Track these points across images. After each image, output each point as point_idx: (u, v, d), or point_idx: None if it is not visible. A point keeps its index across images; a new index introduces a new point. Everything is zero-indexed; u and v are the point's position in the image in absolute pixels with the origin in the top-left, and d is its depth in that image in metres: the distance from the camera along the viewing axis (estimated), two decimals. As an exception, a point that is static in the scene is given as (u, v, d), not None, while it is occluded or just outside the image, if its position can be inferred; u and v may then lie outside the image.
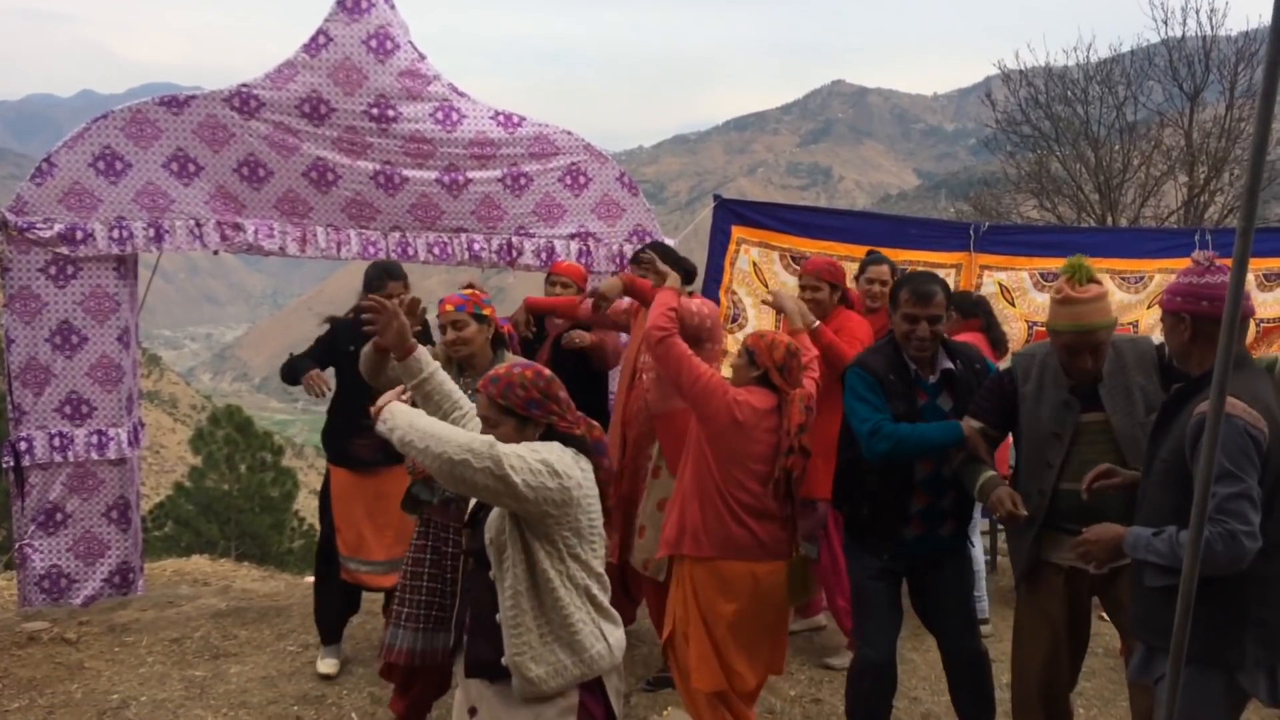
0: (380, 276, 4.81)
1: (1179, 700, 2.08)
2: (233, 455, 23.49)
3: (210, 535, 21.51)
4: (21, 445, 5.31)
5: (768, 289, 6.18)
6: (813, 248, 6.15)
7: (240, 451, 23.63)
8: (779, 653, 3.98)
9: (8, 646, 5.21)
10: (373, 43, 5.44)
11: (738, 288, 6.22)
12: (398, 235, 5.64)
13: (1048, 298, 3.42)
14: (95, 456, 5.42)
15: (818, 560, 4.84)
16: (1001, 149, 18.98)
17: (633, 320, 4.85)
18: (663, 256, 4.61)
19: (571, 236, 5.83)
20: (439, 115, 5.57)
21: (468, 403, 3.27)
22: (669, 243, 5.93)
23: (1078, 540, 3.11)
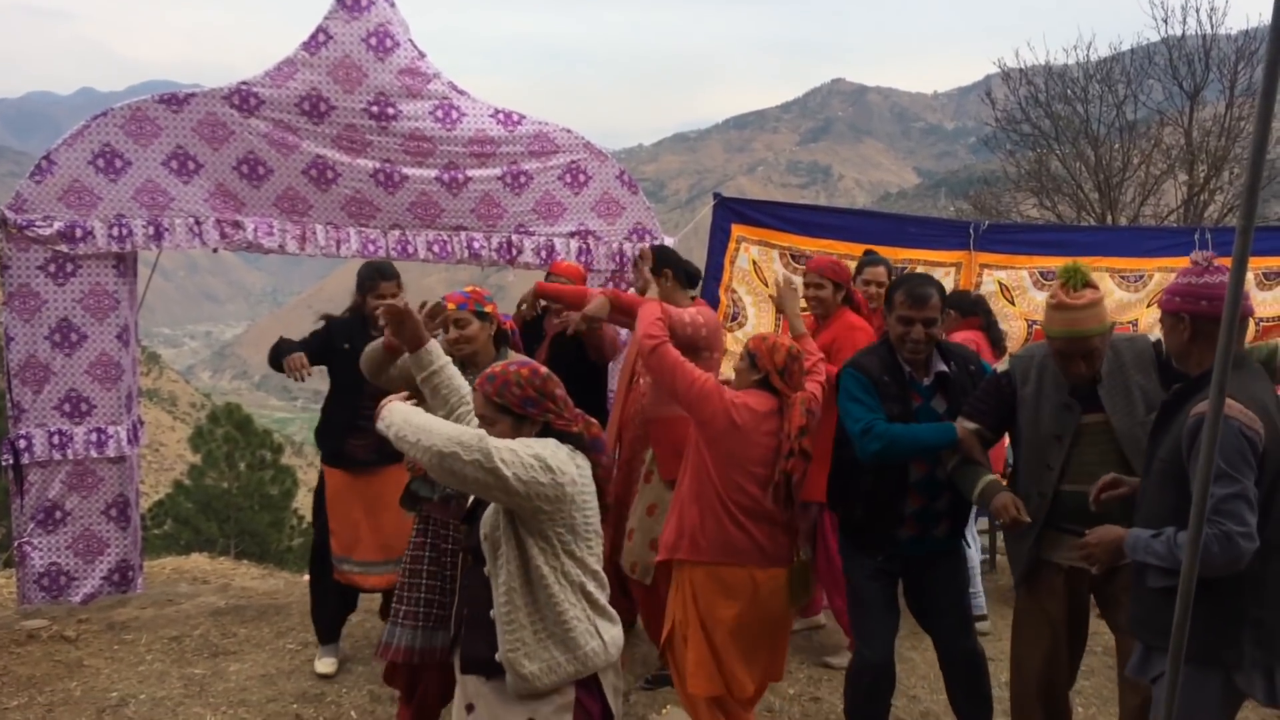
0: (372, 277, 4.82)
1: (1178, 699, 2.08)
2: (232, 453, 23.49)
3: (209, 533, 21.51)
4: (21, 443, 5.31)
5: (768, 285, 6.18)
6: (813, 246, 6.15)
7: (239, 449, 23.63)
8: (778, 660, 3.96)
9: (7, 644, 5.21)
10: (372, 40, 5.44)
11: (737, 286, 6.22)
12: (397, 233, 5.64)
13: (1048, 295, 3.42)
14: (94, 454, 5.43)
15: (813, 559, 4.83)
16: (1001, 147, 19.00)
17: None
18: (666, 260, 4.59)
19: (571, 235, 5.83)
20: (439, 113, 5.57)
21: None
22: (669, 242, 5.94)
23: (1080, 543, 3.11)
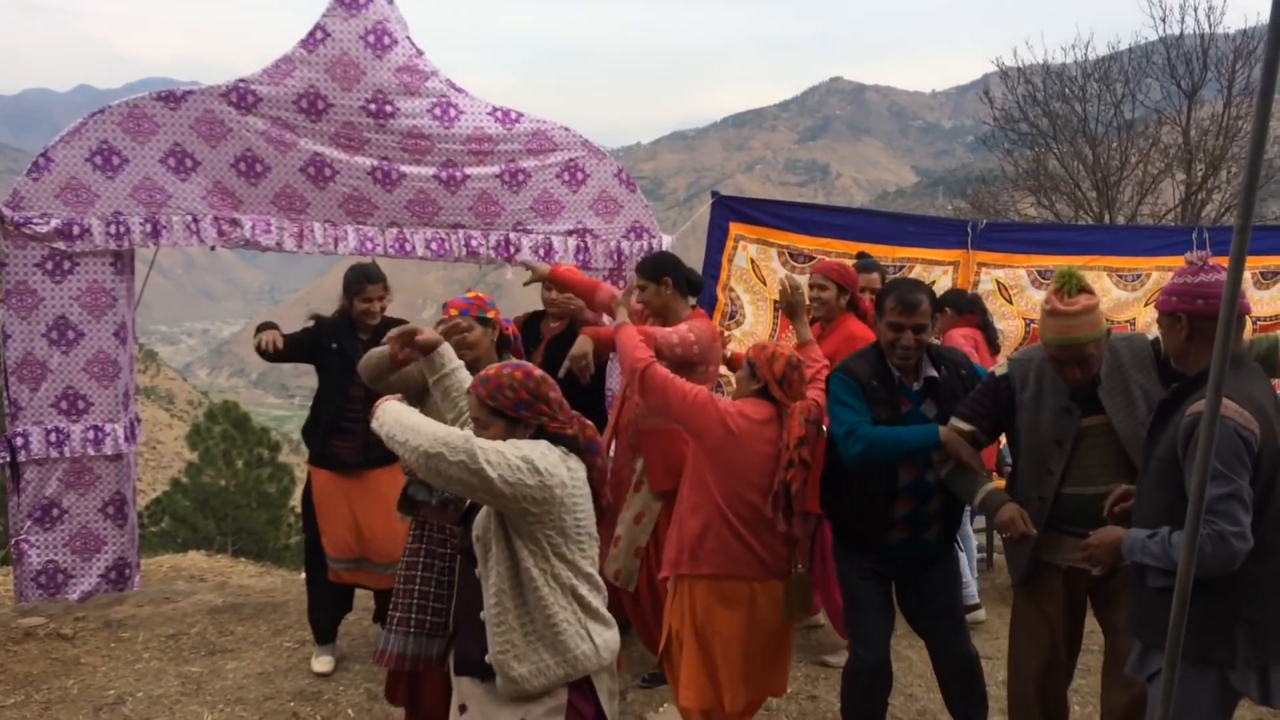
0: (359, 280, 4.84)
1: (1174, 697, 2.09)
2: (229, 451, 23.49)
3: (207, 531, 21.52)
4: (18, 440, 5.30)
5: (766, 284, 6.17)
6: (811, 245, 6.15)
7: (237, 447, 23.63)
8: (778, 674, 3.93)
9: (4, 642, 5.21)
10: (370, 38, 5.43)
11: (735, 285, 6.22)
12: (395, 231, 5.64)
13: (1045, 295, 3.42)
14: (91, 452, 5.42)
15: (810, 569, 4.83)
16: (999, 146, 19.02)
17: (641, 323, 4.82)
18: (667, 267, 4.57)
19: (569, 233, 5.82)
20: (437, 111, 5.56)
21: None
22: (667, 240, 5.93)
23: (1082, 544, 3.11)
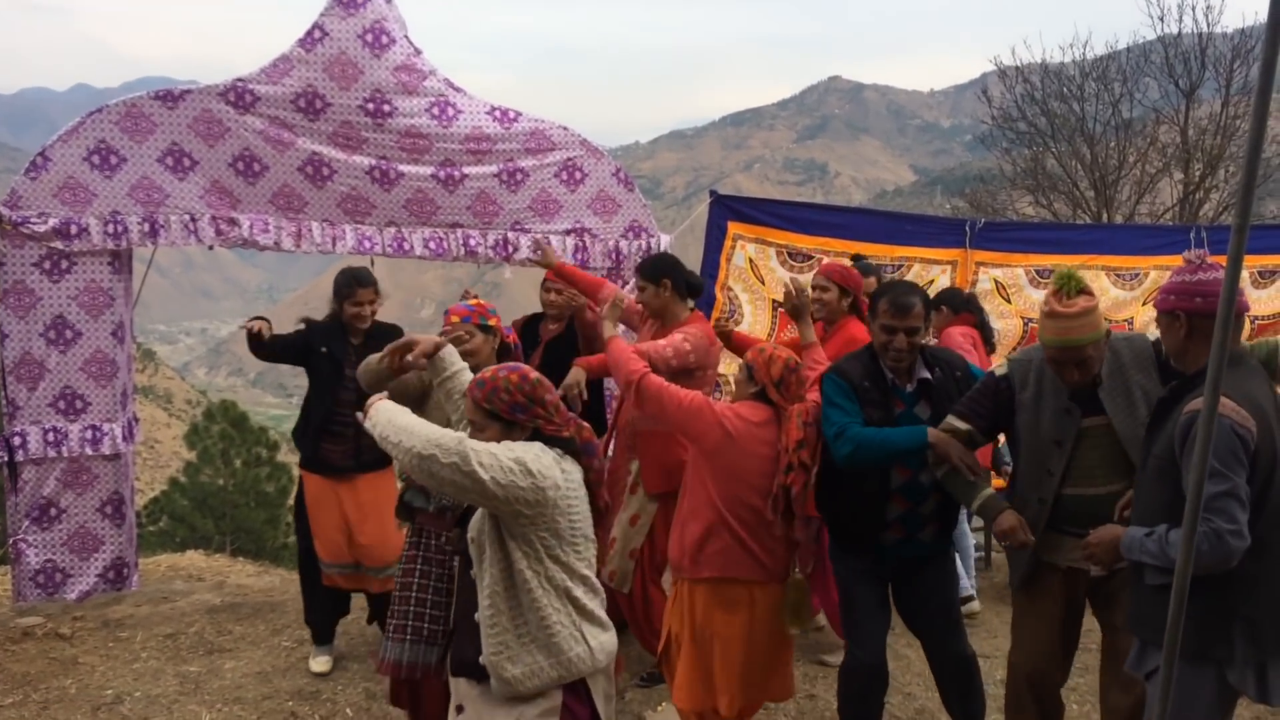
0: (350, 284, 4.83)
1: (1171, 694, 2.09)
2: (228, 450, 23.46)
3: (205, 530, 21.49)
4: (15, 440, 5.30)
5: (764, 284, 6.17)
6: (809, 244, 6.15)
7: (235, 446, 23.60)
8: (781, 679, 3.91)
9: (2, 642, 5.20)
10: (368, 37, 5.43)
11: (734, 284, 6.22)
12: (393, 230, 5.63)
13: (1043, 294, 3.40)
14: (89, 451, 5.42)
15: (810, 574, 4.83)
16: (997, 145, 19.01)
17: (641, 323, 4.83)
18: (666, 269, 4.56)
19: (567, 232, 5.82)
20: (435, 110, 5.56)
21: None
22: (665, 240, 5.93)
23: (1082, 544, 3.11)
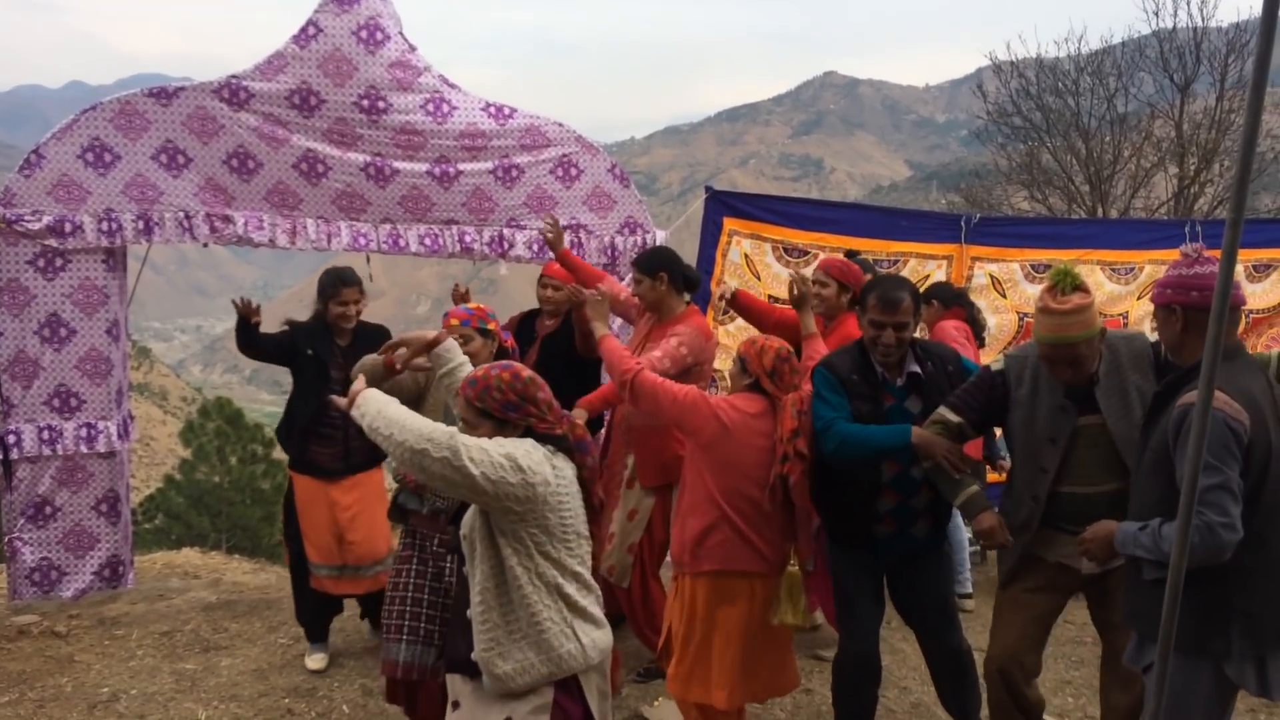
0: (335, 284, 4.81)
1: (1167, 689, 2.09)
2: (223, 448, 23.47)
3: (201, 528, 21.50)
4: (10, 438, 5.29)
5: (760, 280, 6.17)
6: (805, 239, 6.15)
7: (231, 444, 23.61)
8: (783, 673, 3.91)
9: (-2, 640, 5.20)
10: (363, 34, 5.42)
11: (729, 280, 6.21)
12: (389, 227, 5.63)
13: (1039, 289, 3.40)
14: (84, 449, 5.41)
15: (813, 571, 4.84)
16: (993, 140, 19.00)
17: (638, 317, 4.83)
18: (663, 263, 4.56)
19: (563, 229, 5.81)
20: (429, 107, 5.55)
21: None
22: (660, 235, 5.93)
23: (1078, 540, 3.12)
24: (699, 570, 3.73)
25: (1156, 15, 17.50)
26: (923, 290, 5.30)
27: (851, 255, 5.52)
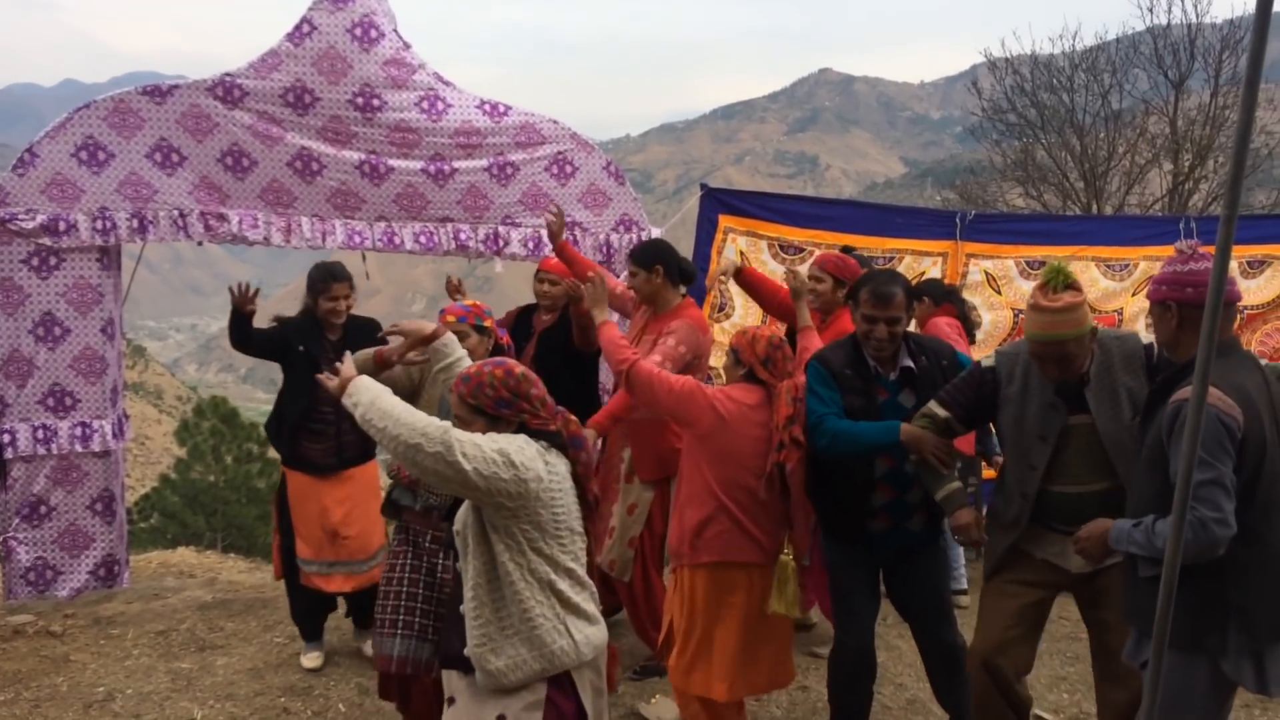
0: (324, 279, 4.81)
1: (1163, 685, 2.10)
2: (218, 446, 23.45)
3: (196, 527, 21.48)
4: (4, 438, 5.28)
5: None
6: (800, 236, 6.15)
7: (226, 443, 23.59)
8: (781, 665, 3.92)
9: (-7, 640, 5.19)
10: (357, 31, 5.41)
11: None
12: (383, 225, 5.62)
13: (1034, 285, 3.40)
14: (79, 449, 5.40)
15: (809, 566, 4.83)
16: (987, 137, 19.01)
17: (634, 309, 4.82)
18: (659, 255, 4.56)
19: (558, 226, 5.81)
20: (424, 104, 5.55)
21: None
22: (656, 233, 5.92)
23: (1074, 538, 3.12)
24: (698, 562, 3.74)
25: (1151, 11, 17.54)
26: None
27: (847, 252, 5.52)
